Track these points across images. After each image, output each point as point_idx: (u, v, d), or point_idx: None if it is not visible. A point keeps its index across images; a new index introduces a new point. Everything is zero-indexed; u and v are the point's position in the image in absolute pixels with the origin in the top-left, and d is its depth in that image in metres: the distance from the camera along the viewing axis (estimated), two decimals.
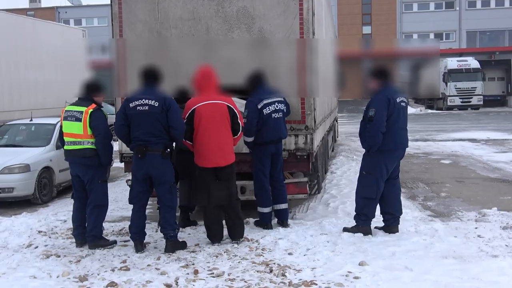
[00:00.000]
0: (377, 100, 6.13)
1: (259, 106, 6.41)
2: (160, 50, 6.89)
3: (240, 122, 6.09)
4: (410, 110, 33.94)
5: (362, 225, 6.26)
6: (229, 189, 6.06)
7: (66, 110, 6.12)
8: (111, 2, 7.03)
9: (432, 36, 50.86)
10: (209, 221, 6.12)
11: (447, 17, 50.68)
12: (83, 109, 5.98)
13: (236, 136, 6.13)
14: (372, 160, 6.23)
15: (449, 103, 36.89)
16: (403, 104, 6.23)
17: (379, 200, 6.33)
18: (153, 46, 6.94)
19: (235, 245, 5.96)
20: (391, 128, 6.09)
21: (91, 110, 5.96)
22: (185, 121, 5.89)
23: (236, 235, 6.15)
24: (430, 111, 37.71)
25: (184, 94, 6.41)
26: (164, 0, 6.90)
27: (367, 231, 6.23)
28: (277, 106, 6.51)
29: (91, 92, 6.13)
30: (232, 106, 6.05)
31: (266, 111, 6.42)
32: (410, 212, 7.38)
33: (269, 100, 6.48)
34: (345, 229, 6.35)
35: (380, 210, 6.40)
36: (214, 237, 6.11)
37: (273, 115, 6.46)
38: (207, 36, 6.85)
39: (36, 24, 16.77)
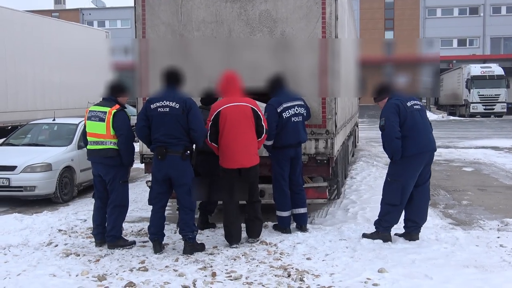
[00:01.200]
0: (385, 108, 6.13)
1: (279, 110, 6.40)
2: (182, 51, 6.92)
3: (264, 125, 6.14)
4: (432, 116, 33.75)
5: (382, 231, 6.19)
6: (252, 188, 6.13)
7: (90, 110, 6.19)
8: (134, 4, 7.09)
9: (455, 42, 50.27)
10: (228, 221, 6.13)
11: (471, 23, 50.07)
12: (106, 109, 6.04)
13: (260, 139, 6.17)
14: (398, 167, 6.14)
15: (471, 110, 36.39)
16: (416, 107, 6.15)
17: (406, 207, 6.24)
18: (175, 48, 6.97)
19: (253, 249, 5.95)
20: (410, 132, 6.02)
21: (115, 110, 6.02)
22: (210, 123, 5.98)
23: (253, 234, 6.23)
24: (452, 117, 37.27)
25: (210, 96, 6.46)
26: (188, 3, 6.93)
27: (387, 238, 6.16)
28: (296, 110, 6.49)
29: (115, 93, 6.18)
30: (256, 109, 6.12)
31: (285, 114, 6.41)
32: (431, 220, 7.26)
33: (289, 104, 6.46)
34: (365, 235, 6.28)
35: (404, 217, 6.30)
36: (232, 238, 6.11)
37: (292, 118, 6.44)
38: (229, 39, 6.85)
39: (60, 25, 17.04)
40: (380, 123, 6.10)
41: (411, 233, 6.24)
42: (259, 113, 6.12)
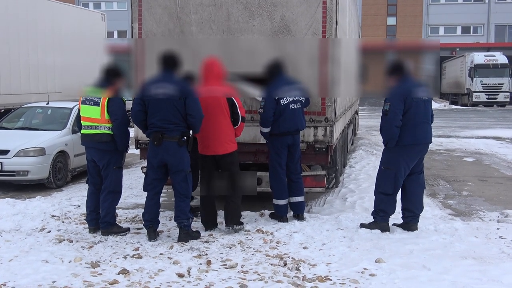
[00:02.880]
0: (392, 93, 6.02)
1: (276, 96, 6.30)
2: (180, 35, 6.79)
3: (239, 112, 6.09)
4: (434, 105, 33.36)
5: (380, 221, 6.14)
6: (230, 179, 6.09)
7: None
8: None
9: (459, 29, 49.85)
10: (202, 205, 6.25)
11: (476, 9, 49.49)
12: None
13: (236, 127, 6.13)
14: (391, 155, 6.09)
15: (474, 99, 36.12)
16: (423, 98, 6.05)
17: (401, 197, 6.20)
18: (172, 32, 6.84)
19: (249, 237, 5.89)
20: (409, 122, 5.94)
21: None
22: None
23: (229, 221, 6.14)
24: (454, 106, 37.07)
25: (188, 79, 6.36)
26: None
27: (384, 228, 6.10)
28: (295, 97, 6.38)
29: (110, 76, 6.07)
30: (232, 97, 6.06)
31: (283, 101, 6.31)
32: (430, 210, 7.22)
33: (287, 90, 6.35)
34: (362, 225, 6.23)
35: (401, 207, 6.26)
36: (206, 223, 6.23)
37: (290, 105, 6.34)
38: (228, 23, 6.73)
39: (55, 6, 16.68)
40: (384, 107, 6.00)
41: (409, 223, 6.19)
42: (234, 100, 6.08)
